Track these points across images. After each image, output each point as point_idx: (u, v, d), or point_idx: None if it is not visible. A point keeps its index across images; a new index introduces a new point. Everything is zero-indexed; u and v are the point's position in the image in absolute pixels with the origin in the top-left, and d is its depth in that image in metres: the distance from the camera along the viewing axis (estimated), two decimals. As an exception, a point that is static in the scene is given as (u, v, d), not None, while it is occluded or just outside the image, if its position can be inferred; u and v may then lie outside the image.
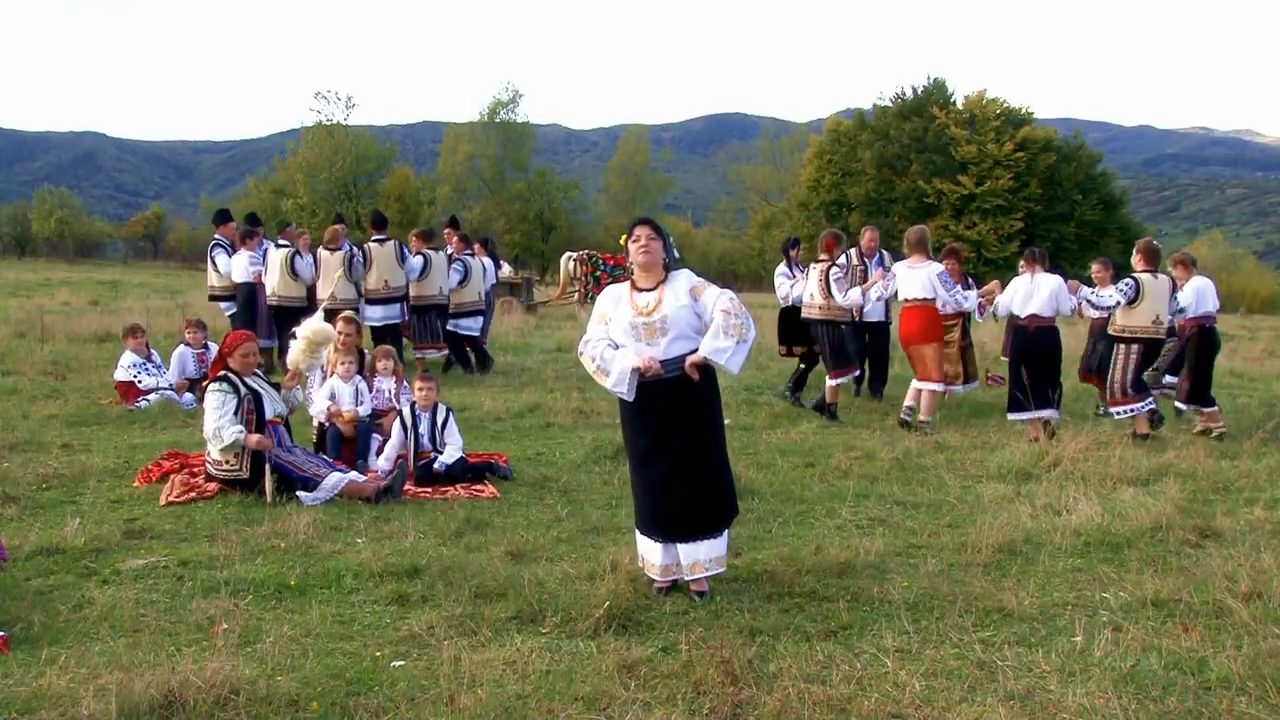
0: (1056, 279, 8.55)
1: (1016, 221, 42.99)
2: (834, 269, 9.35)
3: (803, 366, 10.21)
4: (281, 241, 11.71)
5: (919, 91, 48.54)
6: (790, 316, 10.19)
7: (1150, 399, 8.84)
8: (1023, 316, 8.54)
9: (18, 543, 4.97)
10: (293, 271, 11.31)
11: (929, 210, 44.60)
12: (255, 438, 6.09)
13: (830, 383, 9.39)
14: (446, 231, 13.01)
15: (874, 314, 10.26)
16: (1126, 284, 8.65)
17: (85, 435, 7.88)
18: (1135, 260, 8.91)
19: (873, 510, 6.10)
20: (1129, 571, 4.86)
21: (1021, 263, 9.08)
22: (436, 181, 54.92)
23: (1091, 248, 43.34)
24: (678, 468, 4.41)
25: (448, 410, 7.05)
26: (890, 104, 48.98)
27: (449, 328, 11.88)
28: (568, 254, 20.99)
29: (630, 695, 3.43)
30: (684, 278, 4.55)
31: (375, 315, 11.29)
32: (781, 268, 10.52)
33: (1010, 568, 4.96)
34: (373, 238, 11.40)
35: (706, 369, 4.44)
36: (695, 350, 4.40)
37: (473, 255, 12.31)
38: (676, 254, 4.69)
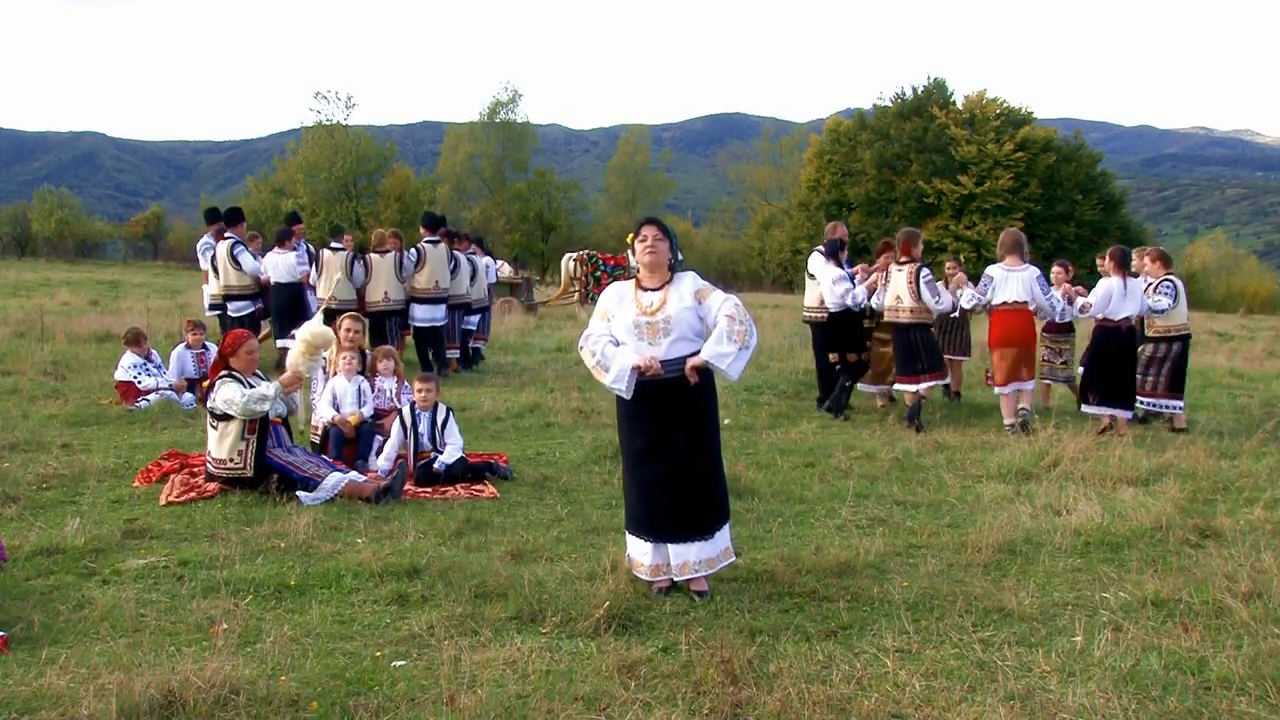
0: (1139, 282, 9.03)
1: (1016, 221, 42.88)
2: (924, 270, 8.88)
3: (847, 384, 9.60)
4: (335, 245, 11.58)
5: (919, 91, 48.51)
6: (838, 321, 9.48)
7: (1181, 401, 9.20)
8: (1117, 318, 8.70)
9: (18, 543, 4.98)
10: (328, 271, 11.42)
11: (929, 210, 44.60)
12: (287, 376, 6.29)
13: (917, 388, 8.91)
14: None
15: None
16: (1169, 286, 9.05)
17: (85, 435, 7.88)
18: (1153, 267, 9.28)
19: (873, 510, 6.10)
20: (1129, 571, 4.86)
21: (1108, 265, 8.89)
22: (436, 181, 54.89)
23: (1092, 248, 43.38)
24: (673, 469, 4.41)
25: (447, 410, 7.05)
26: (890, 104, 48.94)
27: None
28: (568, 254, 21.02)
29: (630, 695, 3.43)
30: (689, 280, 4.56)
31: (422, 315, 11.49)
32: (832, 270, 9.46)
33: (1010, 568, 4.96)
34: (425, 239, 11.52)
35: (705, 372, 4.45)
36: (696, 352, 4.41)
37: (474, 253, 12.75)
38: (680, 256, 4.70)
